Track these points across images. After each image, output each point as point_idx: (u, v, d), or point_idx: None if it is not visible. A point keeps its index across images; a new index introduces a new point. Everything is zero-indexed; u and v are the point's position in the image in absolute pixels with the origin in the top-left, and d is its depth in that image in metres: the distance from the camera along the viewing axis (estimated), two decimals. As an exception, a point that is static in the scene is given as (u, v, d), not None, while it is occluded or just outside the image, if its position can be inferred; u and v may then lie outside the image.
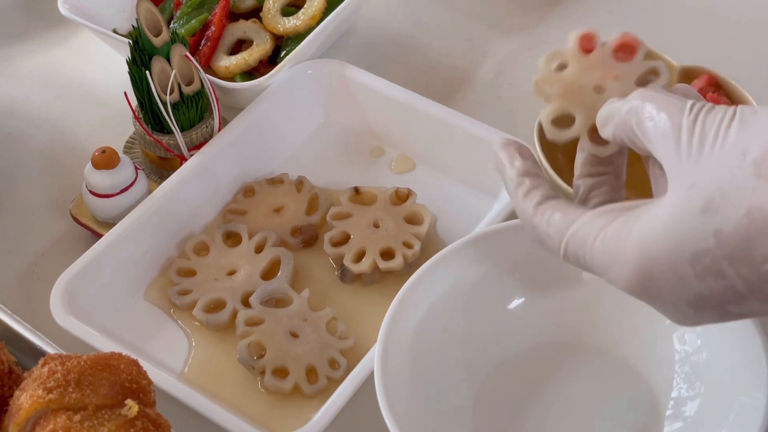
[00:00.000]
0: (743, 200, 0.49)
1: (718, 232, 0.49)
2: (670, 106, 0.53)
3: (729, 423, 0.66)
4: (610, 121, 0.56)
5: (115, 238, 0.81)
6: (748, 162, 0.49)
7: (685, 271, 0.51)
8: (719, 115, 0.51)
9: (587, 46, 0.60)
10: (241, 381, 0.78)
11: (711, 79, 0.88)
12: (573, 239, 0.56)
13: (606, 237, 0.54)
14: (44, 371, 0.61)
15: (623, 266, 0.53)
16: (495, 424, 0.72)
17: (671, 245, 0.51)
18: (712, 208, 0.49)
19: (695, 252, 0.50)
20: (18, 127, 0.98)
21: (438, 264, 0.74)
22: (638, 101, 0.55)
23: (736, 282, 0.50)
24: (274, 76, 0.91)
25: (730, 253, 0.49)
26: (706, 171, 0.50)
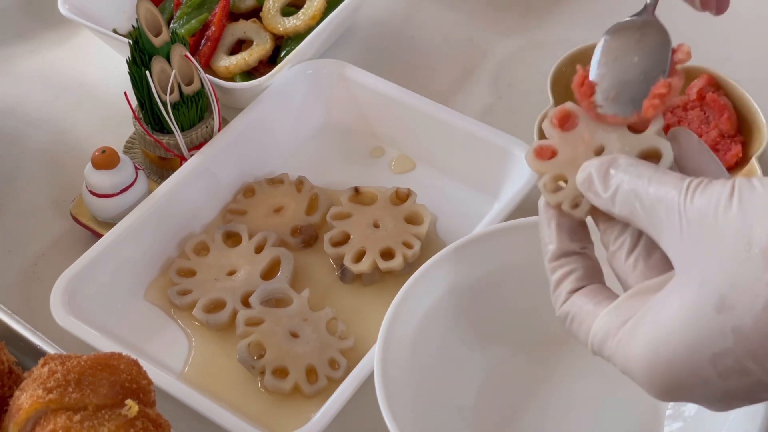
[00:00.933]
0: (758, 294, 0.46)
1: (737, 330, 0.47)
2: (668, 189, 0.51)
3: (729, 423, 0.66)
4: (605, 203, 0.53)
5: (115, 238, 0.81)
6: (756, 252, 0.46)
7: (707, 373, 0.48)
8: (716, 193, 0.49)
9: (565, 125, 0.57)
10: (241, 381, 0.78)
11: (711, 79, 0.88)
12: (595, 341, 0.53)
13: (621, 341, 0.51)
14: (44, 371, 0.61)
15: (640, 372, 0.50)
16: (495, 423, 0.72)
17: (688, 349, 0.48)
18: (726, 305, 0.47)
19: (715, 353, 0.48)
20: (18, 127, 0.98)
21: (438, 264, 0.74)
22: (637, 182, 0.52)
23: (762, 376, 0.47)
24: (274, 76, 0.91)
25: (752, 350, 0.47)
26: (713, 261, 0.48)
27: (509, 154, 0.85)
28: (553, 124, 0.57)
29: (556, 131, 0.57)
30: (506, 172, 0.85)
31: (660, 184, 0.51)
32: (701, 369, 0.48)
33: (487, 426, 0.72)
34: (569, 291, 0.55)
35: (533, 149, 0.57)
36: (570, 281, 0.55)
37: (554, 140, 0.57)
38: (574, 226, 0.57)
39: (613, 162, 0.54)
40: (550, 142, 0.57)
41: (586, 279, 0.55)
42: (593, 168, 0.54)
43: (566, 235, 0.56)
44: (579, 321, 0.54)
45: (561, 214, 0.56)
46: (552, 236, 0.57)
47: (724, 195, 0.48)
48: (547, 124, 0.58)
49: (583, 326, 0.54)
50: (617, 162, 0.54)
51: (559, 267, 0.56)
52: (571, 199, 0.56)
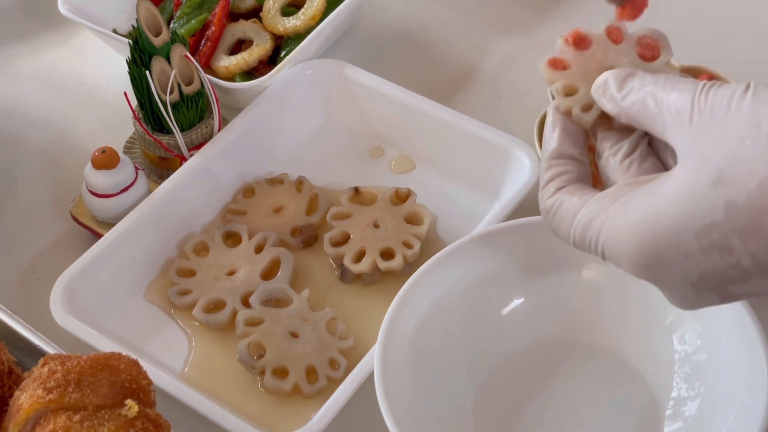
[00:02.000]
0: (756, 171, 0.47)
1: (729, 204, 0.48)
2: (684, 87, 0.53)
3: (729, 423, 0.66)
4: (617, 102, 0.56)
5: (115, 238, 0.81)
6: (763, 133, 0.48)
7: (690, 246, 0.49)
8: (731, 89, 0.51)
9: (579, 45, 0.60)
10: (241, 381, 0.78)
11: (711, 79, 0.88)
12: (579, 226, 0.55)
13: (609, 216, 0.53)
14: (44, 371, 0.61)
15: (624, 244, 0.52)
16: (495, 423, 0.72)
17: (678, 219, 0.50)
18: (723, 179, 0.48)
19: (703, 225, 0.49)
20: (18, 127, 0.98)
21: (438, 264, 0.74)
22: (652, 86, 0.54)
23: (742, 257, 0.48)
24: (274, 76, 0.91)
25: (740, 226, 0.48)
26: (718, 142, 0.49)
27: (509, 154, 0.85)
28: (568, 42, 0.60)
29: (570, 49, 0.60)
30: (506, 172, 0.85)
31: (675, 84, 0.53)
32: (686, 240, 0.49)
33: (487, 426, 0.72)
34: (558, 188, 0.57)
35: (547, 60, 0.60)
36: (561, 179, 0.57)
37: (567, 56, 0.60)
38: (578, 134, 0.59)
39: (630, 73, 0.56)
40: (563, 56, 0.60)
41: (578, 181, 0.57)
42: (611, 74, 0.57)
43: (568, 139, 0.59)
44: (562, 213, 0.56)
45: (568, 120, 0.59)
46: (555, 136, 0.59)
47: (739, 90, 0.50)
48: (561, 43, 0.60)
49: (566, 217, 0.56)
50: (635, 72, 0.56)
51: (554, 165, 0.58)
52: (581, 105, 0.58)
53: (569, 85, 0.59)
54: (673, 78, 0.54)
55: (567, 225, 0.56)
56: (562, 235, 0.56)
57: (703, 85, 0.52)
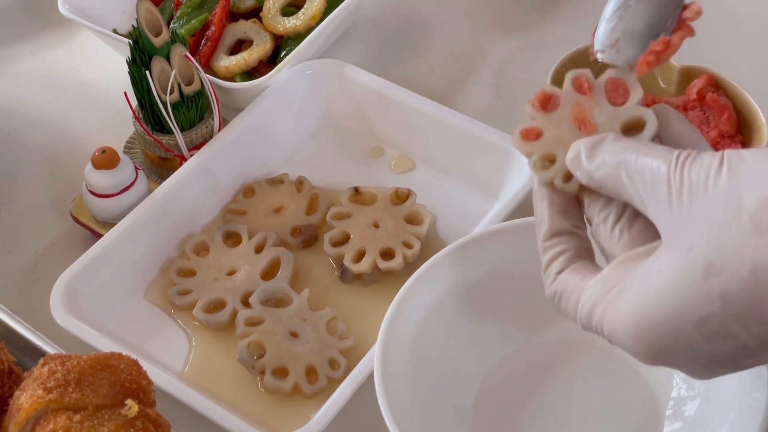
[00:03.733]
0: (745, 259, 0.47)
1: (723, 295, 0.47)
2: (657, 160, 0.51)
3: (729, 423, 0.66)
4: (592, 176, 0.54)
5: (115, 238, 0.81)
6: (745, 218, 0.47)
7: (692, 337, 0.49)
8: (706, 164, 0.49)
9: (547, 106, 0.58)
10: (241, 381, 0.78)
11: (711, 79, 0.88)
12: (583, 313, 0.53)
13: (607, 308, 0.52)
14: (44, 371, 0.61)
15: (627, 337, 0.51)
16: (495, 423, 0.72)
17: (674, 313, 0.49)
18: (713, 270, 0.47)
19: (701, 317, 0.48)
20: (18, 127, 0.98)
21: (438, 264, 0.74)
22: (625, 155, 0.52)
23: (747, 340, 0.48)
24: (274, 76, 0.91)
25: (738, 314, 0.47)
26: (701, 228, 0.48)
27: (509, 154, 0.85)
28: (535, 107, 0.58)
29: (539, 113, 0.58)
30: (506, 172, 0.85)
31: (648, 156, 0.52)
32: (687, 333, 0.49)
33: (487, 426, 0.72)
34: (558, 271, 0.56)
35: (519, 132, 0.58)
36: (560, 261, 0.56)
37: (539, 122, 0.58)
38: (567, 205, 0.57)
39: (601, 139, 0.55)
40: (535, 123, 0.58)
41: (577, 259, 0.56)
42: (582, 145, 0.55)
43: (558, 214, 0.57)
44: (567, 297, 0.55)
45: (553, 192, 0.57)
46: (544, 215, 0.57)
47: (714, 165, 0.49)
48: (530, 108, 0.59)
49: (571, 301, 0.54)
50: (605, 139, 0.54)
51: (550, 247, 0.56)
52: (561, 175, 0.56)
53: (546, 155, 0.57)
54: (644, 146, 0.52)
55: (572, 311, 0.54)
56: (571, 319, 0.55)
57: (676, 157, 0.50)
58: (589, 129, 0.56)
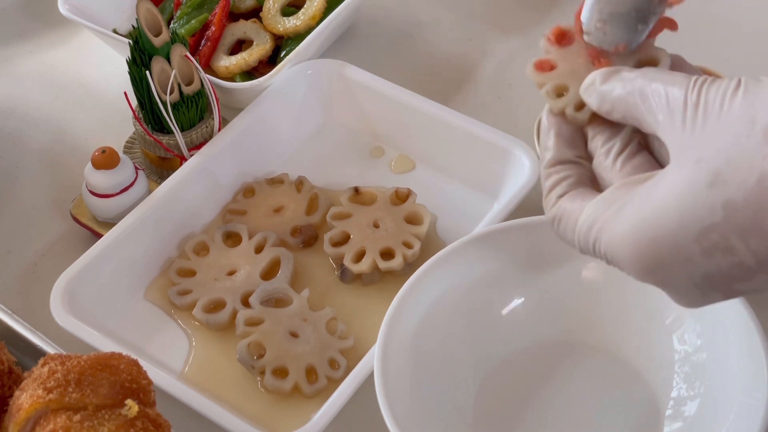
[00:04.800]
0: (753, 168, 0.47)
1: (727, 204, 0.47)
2: (674, 83, 0.52)
3: (729, 423, 0.66)
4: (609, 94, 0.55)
5: (115, 238, 0.81)
6: (758, 129, 0.47)
7: (691, 249, 0.49)
8: (723, 86, 0.50)
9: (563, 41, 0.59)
10: (241, 381, 0.78)
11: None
12: (581, 231, 0.54)
13: (606, 222, 0.52)
14: (44, 371, 0.61)
15: (625, 250, 0.51)
16: (495, 423, 0.72)
17: (676, 224, 0.49)
18: (720, 179, 0.48)
19: (702, 228, 0.48)
20: (18, 127, 0.98)
21: (438, 264, 0.74)
22: (642, 80, 0.53)
23: (745, 256, 0.48)
24: (274, 76, 0.91)
25: (740, 225, 0.47)
26: (712, 142, 0.48)
27: (509, 154, 0.85)
28: (550, 40, 0.59)
29: (554, 48, 0.59)
30: (506, 172, 0.85)
31: (664, 80, 0.52)
32: (686, 244, 0.49)
33: (487, 426, 0.72)
34: (559, 195, 0.56)
35: (534, 63, 0.59)
36: (562, 186, 0.57)
37: (553, 55, 0.59)
38: (573, 136, 0.58)
39: (616, 70, 0.55)
40: (549, 56, 0.59)
41: (578, 185, 0.56)
42: (598, 74, 0.56)
43: (564, 144, 0.58)
44: (566, 219, 0.55)
45: (562, 122, 0.58)
46: (550, 144, 0.58)
47: (731, 86, 0.49)
48: (544, 42, 0.60)
49: (570, 223, 0.55)
50: (621, 69, 0.55)
51: (553, 173, 0.57)
52: (573, 104, 0.58)
53: (559, 86, 0.58)
54: (661, 72, 0.54)
55: (571, 232, 0.55)
56: (569, 242, 0.56)
57: (694, 81, 0.51)
58: (603, 63, 0.57)
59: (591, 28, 0.58)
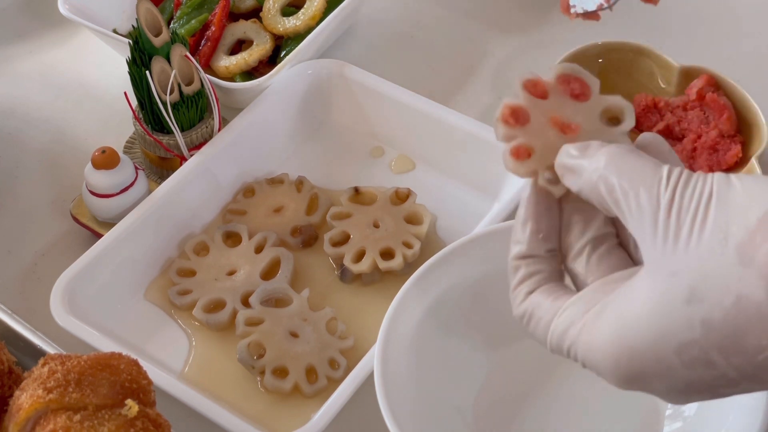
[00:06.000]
0: (730, 289, 0.46)
1: (705, 322, 0.47)
2: (644, 176, 0.50)
3: (729, 423, 0.66)
4: (576, 177, 0.52)
5: (115, 238, 0.81)
6: (731, 248, 0.46)
7: (671, 361, 0.48)
8: (698, 189, 0.48)
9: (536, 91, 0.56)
10: (241, 381, 0.78)
11: (711, 79, 0.88)
12: (555, 333, 0.52)
13: (583, 329, 0.51)
14: (44, 371, 0.61)
15: (604, 359, 0.50)
16: (495, 423, 0.72)
17: (654, 336, 0.48)
18: (696, 296, 0.47)
19: (681, 343, 0.47)
20: (18, 128, 0.98)
21: (438, 264, 0.74)
22: (608, 168, 0.51)
23: (727, 370, 0.47)
24: (274, 76, 0.91)
25: (719, 343, 0.47)
26: (687, 256, 0.47)
27: (509, 154, 0.85)
28: (510, 124, 0.56)
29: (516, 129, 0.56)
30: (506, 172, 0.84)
31: (632, 175, 0.50)
32: (666, 357, 0.48)
33: (487, 426, 0.72)
34: (529, 291, 0.54)
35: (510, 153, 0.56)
36: (532, 281, 0.54)
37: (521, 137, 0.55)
38: (549, 232, 0.55)
39: (585, 146, 0.53)
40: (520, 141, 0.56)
41: (550, 280, 0.54)
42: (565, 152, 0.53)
43: (537, 241, 0.55)
44: (537, 318, 0.53)
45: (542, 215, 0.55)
46: (524, 238, 0.55)
47: (705, 192, 0.48)
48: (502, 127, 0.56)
49: (541, 323, 0.53)
50: (588, 146, 0.53)
51: (523, 266, 0.55)
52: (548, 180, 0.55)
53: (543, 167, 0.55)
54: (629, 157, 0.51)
55: (542, 332, 0.53)
56: (540, 341, 0.54)
57: (667, 178, 0.49)
58: (574, 130, 0.55)
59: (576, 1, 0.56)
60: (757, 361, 0.46)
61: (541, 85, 0.55)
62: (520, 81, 0.56)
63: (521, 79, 0.56)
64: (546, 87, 0.55)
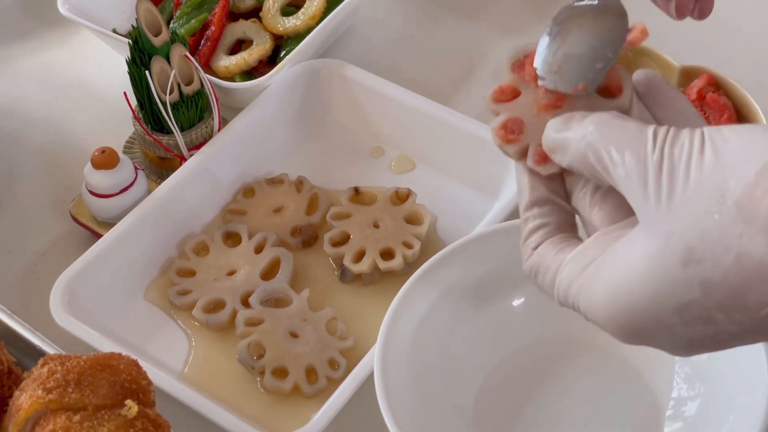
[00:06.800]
0: (729, 246, 0.45)
1: (705, 282, 0.46)
2: (630, 139, 0.48)
3: (729, 423, 0.66)
4: (563, 151, 0.51)
5: (115, 238, 0.81)
6: (729, 204, 0.45)
7: (671, 320, 0.47)
8: (686, 146, 0.47)
9: (524, 70, 0.55)
10: (241, 381, 0.77)
11: (711, 79, 0.88)
12: (560, 289, 0.52)
13: (582, 287, 0.50)
14: (44, 371, 0.61)
15: (604, 318, 0.49)
16: (495, 423, 0.72)
17: (653, 298, 0.47)
18: (694, 257, 0.46)
19: (680, 303, 0.47)
20: (18, 127, 0.98)
21: (438, 264, 0.74)
22: (594, 135, 0.50)
23: (728, 326, 0.46)
24: (274, 76, 0.91)
25: (720, 302, 0.46)
26: (681, 216, 0.46)
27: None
28: (498, 100, 0.56)
29: (501, 106, 0.56)
30: (506, 172, 0.85)
31: (617, 136, 0.49)
32: (665, 317, 0.47)
33: (487, 426, 0.72)
34: (534, 246, 0.54)
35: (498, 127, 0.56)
36: (538, 235, 0.54)
37: (510, 113, 0.55)
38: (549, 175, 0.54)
39: (567, 117, 0.52)
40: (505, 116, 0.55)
41: (556, 232, 0.53)
42: (550, 126, 0.52)
43: (540, 182, 0.54)
44: (543, 272, 0.53)
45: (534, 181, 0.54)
46: (525, 183, 0.55)
47: (696, 145, 0.47)
48: (492, 105, 0.56)
49: (547, 277, 0.52)
50: (571, 117, 0.52)
51: (531, 218, 0.54)
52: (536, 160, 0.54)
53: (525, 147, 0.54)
54: (613, 122, 0.50)
55: (549, 287, 0.53)
56: (548, 295, 0.53)
57: (653, 138, 0.48)
58: (560, 105, 0.54)
59: (546, 72, 0.54)
60: (760, 316, 0.45)
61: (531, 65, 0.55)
62: (509, 62, 0.56)
63: (509, 60, 0.56)
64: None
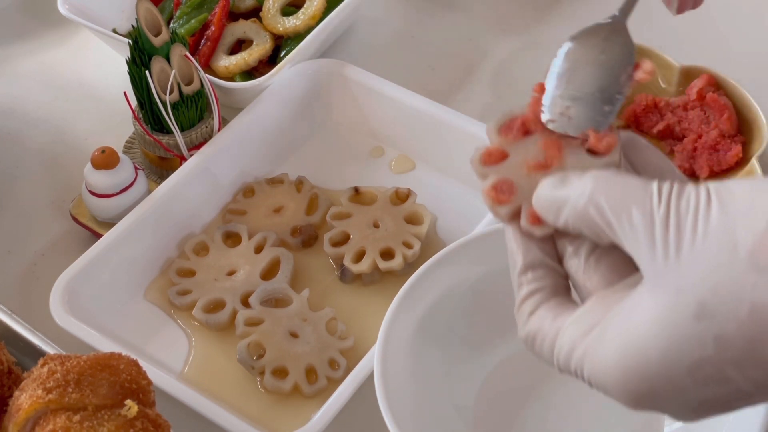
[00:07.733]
0: (743, 299, 0.44)
1: (719, 338, 0.44)
2: (635, 194, 0.47)
3: (729, 423, 0.66)
4: (560, 209, 0.50)
5: (115, 238, 0.81)
6: (742, 254, 0.44)
7: (683, 382, 0.46)
8: (692, 199, 0.46)
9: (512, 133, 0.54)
10: (240, 381, 0.77)
11: (711, 79, 0.88)
12: (561, 355, 0.50)
13: (587, 350, 0.48)
14: (44, 371, 0.61)
15: (612, 383, 0.48)
16: (495, 423, 0.72)
17: (665, 357, 0.46)
18: (706, 312, 0.44)
19: (693, 362, 0.45)
20: (18, 127, 0.98)
21: (438, 264, 0.74)
22: (595, 191, 0.48)
23: (742, 384, 0.45)
24: (274, 76, 0.91)
25: (735, 358, 0.44)
26: (691, 270, 0.45)
27: (509, 154, 0.85)
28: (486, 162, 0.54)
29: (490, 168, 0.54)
30: (506, 172, 0.85)
31: (620, 192, 0.48)
32: (678, 378, 0.46)
33: (487, 426, 0.72)
34: (530, 312, 0.52)
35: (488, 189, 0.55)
36: (534, 301, 0.52)
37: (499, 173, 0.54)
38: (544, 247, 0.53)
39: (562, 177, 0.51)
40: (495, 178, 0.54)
41: (551, 297, 0.52)
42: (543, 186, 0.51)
43: (533, 245, 0.53)
44: (541, 339, 0.51)
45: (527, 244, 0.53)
46: (518, 248, 0.53)
47: (702, 199, 0.46)
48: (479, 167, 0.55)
49: (546, 343, 0.51)
50: (567, 177, 0.50)
51: (526, 283, 0.52)
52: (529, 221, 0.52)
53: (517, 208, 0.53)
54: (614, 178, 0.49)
55: (548, 354, 0.51)
56: (547, 363, 0.51)
57: (658, 192, 0.47)
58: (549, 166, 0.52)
59: (554, 115, 0.53)
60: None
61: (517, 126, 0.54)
62: (496, 125, 0.55)
63: (497, 123, 0.55)
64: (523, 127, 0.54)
